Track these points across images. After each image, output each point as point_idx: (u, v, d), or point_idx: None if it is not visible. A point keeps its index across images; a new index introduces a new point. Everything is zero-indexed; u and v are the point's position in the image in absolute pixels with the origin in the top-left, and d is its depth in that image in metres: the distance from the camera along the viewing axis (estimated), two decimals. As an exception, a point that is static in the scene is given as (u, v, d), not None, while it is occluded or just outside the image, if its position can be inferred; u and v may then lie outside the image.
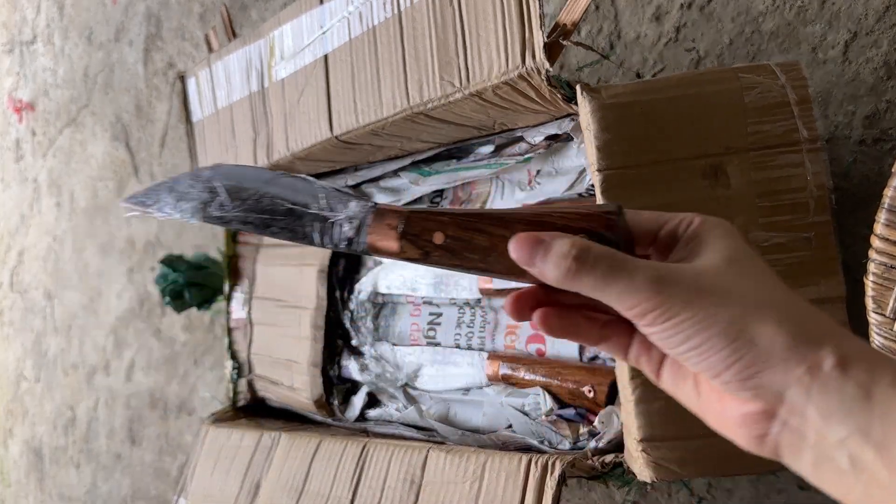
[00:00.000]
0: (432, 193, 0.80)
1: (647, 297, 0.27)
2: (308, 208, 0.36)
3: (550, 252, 0.29)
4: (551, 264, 0.29)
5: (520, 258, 0.30)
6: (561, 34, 0.52)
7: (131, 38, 1.79)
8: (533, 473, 0.54)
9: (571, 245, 0.29)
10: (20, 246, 2.26)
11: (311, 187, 0.36)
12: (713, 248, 0.29)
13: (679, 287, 0.27)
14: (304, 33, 0.77)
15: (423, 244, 0.33)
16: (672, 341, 0.27)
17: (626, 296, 0.28)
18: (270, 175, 0.37)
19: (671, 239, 0.31)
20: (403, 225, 0.33)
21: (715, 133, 0.51)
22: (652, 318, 0.27)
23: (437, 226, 0.33)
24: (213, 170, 0.38)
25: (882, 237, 0.45)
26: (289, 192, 0.36)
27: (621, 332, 0.32)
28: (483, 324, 0.74)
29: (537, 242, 0.29)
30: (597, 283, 0.28)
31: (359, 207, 0.35)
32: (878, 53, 0.65)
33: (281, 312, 0.95)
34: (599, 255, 0.28)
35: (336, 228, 0.35)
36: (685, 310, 0.27)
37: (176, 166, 1.62)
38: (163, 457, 1.58)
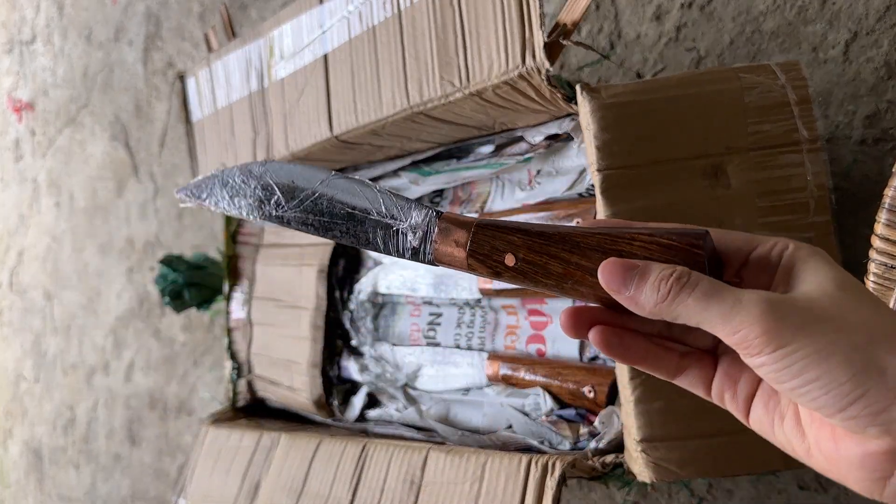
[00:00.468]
0: (432, 193, 0.80)
1: (757, 320, 0.25)
2: (369, 214, 0.35)
3: (647, 276, 0.27)
4: (648, 289, 0.27)
5: (610, 284, 0.28)
6: (561, 34, 0.52)
7: (131, 37, 1.79)
8: (533, 474, 0.54)
9: (671, 269, 0.27)
10: (19, 246, 2.26)
11: (370, 192, 0.35)
12: (817, 275, 0.27)
13: (792, 312, 0.25)
14: (304, 33, 0.77)
15: (492, 264, 0.32)
16: (784, 374, 0.25)
17: (731, 319, 0.25)
18: (324, 175, 0.36)
19: (763, 264, 0.29)
20: (470, 241, 0.32)
21: (715, 133, 0.51)
22: (761, 346, 0.25)
23: (508, 246, 0.32)
24: (264, 165, 0.37)
25: (882, 237, 0.45)
26: (347, 195, 0.35)
27: (703, 364, 0.30)
28: (483, 324, 0.74)
29: (631, 267, 0.28)
30: (699, 304, 0.26)
31: (422, 216, 0.34)
32: (879, 53, 0.65)
33: (280, 313, 0.95)
34: (700, 277, 0.27)
35: (400, 237, 0.35)
36: (800, 337, 0.24)
37: (175, 166, 1.62)
38: (162, 457, 1.58)
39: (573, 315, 0.30)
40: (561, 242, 0.31)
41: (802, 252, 0.28)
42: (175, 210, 1.61)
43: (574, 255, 0.30)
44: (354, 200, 0.35)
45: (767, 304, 0.25)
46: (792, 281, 0.27)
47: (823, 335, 0.24)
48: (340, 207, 0.35)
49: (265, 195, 0.36)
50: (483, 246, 0.32)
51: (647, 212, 0.51)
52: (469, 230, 0.33)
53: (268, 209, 0.36)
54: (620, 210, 0.50)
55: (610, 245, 0.30)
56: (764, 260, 0.29)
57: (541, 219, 0.64)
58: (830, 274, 0.26)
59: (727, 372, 0.29)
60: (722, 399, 0.29)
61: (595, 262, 0.30)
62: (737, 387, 0.29)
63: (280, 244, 0.98)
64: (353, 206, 0.35)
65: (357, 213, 0.35)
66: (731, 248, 0.29)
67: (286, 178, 0.36)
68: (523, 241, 0.31)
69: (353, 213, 0.35)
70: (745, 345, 0.25)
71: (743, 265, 0.29)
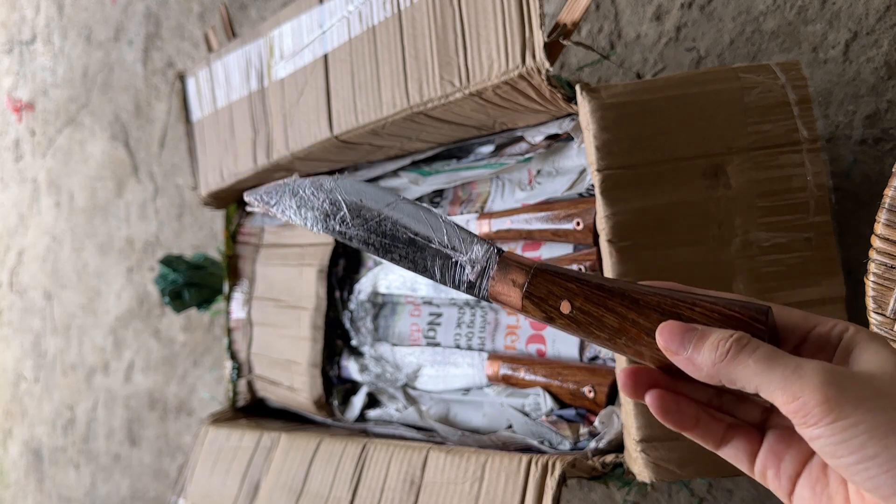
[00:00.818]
0: (432, 193, 0.80)
1: (817, 388, 0.24)
2: (430, 242, 0.36)
3: (706, 338, 0.27)
4: (707, 348, 0.27)
5: (669, 344, 0.28)
6: (561, 34, 0.52)
7: (130, 37, 1.79)
8: (533, 474, 0.54)
9: (731, 332, 0.27)
10: (19, 246, 2.26)
11: (435, 220, 0.36)
12: (877, 356, 0.26)
13: (853, 384, 0.24)
14: (304, 33, 0.77)
15: (547, 309, 0.32)
16: (841, 448, 0.24)
17: (791, 385, 0.25)
18: (392, 198, 0.37)
19: (821, 343, 0.29)
20: (528, 283, 0.33)
21: (715, 133, 0.51)
22: (819, 416, 0.24)
23: (565, 293, 0.32)
24: (336, 181, 0.38)
25: (882, 237, 0.45)
26: (411, 220, 0.36)
27: (749, 437, 0.29)
28: (483, 324, 0.74)
29: (690, 329, 0.28)
30: (759, 366, 0.26)
31: (482, 251, 0.35)
32: (879, 53, 0.65)
33: (280, 313, 0.95)
34: (760, 342, 0.26)
35: (458, 269, 0.35)
36: (861, 410, 0.23)
37: (175, 166, 1.62)
38: (162, 457, 1.58)
39: (632, 376, 0.30)
40: (620, 297, 0.30)
41: (862, 335, 0.28)
42: (175, 210, 1.61)
43: (631, 312, 0.30)
44: (418, 227, 0.36)
45: (829, 373, 0.24)
46: (851, 360, 0.27)
47: (885, 412, 0.23)
48: (403, 232, 0.36)
49: (332, 210, 0.37)
50: (540, 289, 0.32)
51: (648, 212, 0.51)
52: (528, 272, 0.33)
53: (332, 223, 0.37)
54: (620, 210, 0.50)
55: (670, 307, 0.29)
56: (823, 339, 0.28)
57: (541, 219, 0.64)
58: (891, 356, 0.26)
59: (773, 448, 0.29)
60: (765, 476, 0.29)
61: (653, 321, 0.29)
62: (781, 464, 0.28)
63: (280, 244, 0.98)
64: (416, 232, 0.36)
65: (419, 240, 0.36)
66: (789, 325, 0.29)
67: (356, 196, 0.37)
68: (581, 290, 0.31)
69: (414, 239, 0.36)
70: (804, 412, 0.24)
71: (801, 343, 0.29)
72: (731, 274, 0.50)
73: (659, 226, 0.51)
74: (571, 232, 0.61)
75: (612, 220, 0.50)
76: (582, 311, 0.31)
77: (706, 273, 0.50)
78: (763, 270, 0.51)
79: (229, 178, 0.92)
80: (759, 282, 0.51)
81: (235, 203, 1.04)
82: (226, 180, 0.92)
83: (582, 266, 0.60)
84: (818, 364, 0.25)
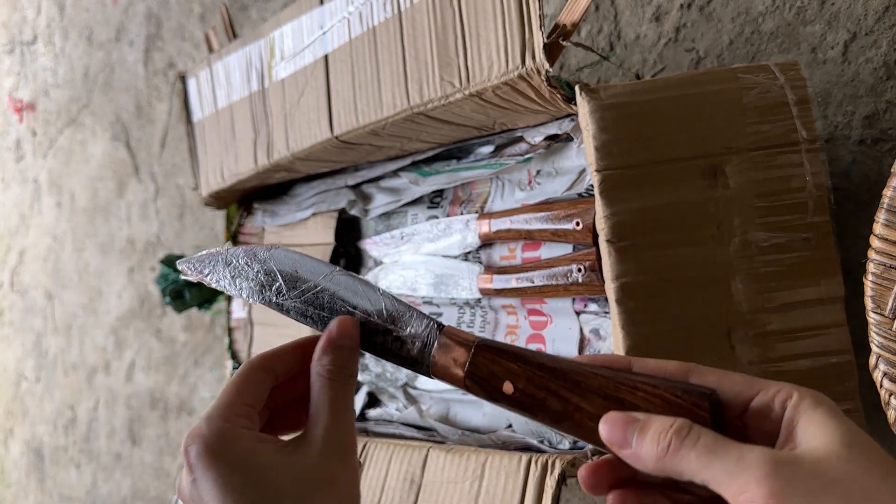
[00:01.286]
0: (432, 193, 0.80)
1: (762, 481, 0.24)
2: (369, 316, 0.35)
3: (648, 429, 0.27)
4: (649, 441, 0.26)
5: (612, 439, 0.28)
6: (561, 35, 0.52)
7: (131, 38, 1.79)
8: (533, 473, 0.55)
9: (671, 420, 0.27)
10: (20, 246, 2.26)
11: (373, 293, 0.35)
12: (824, 430, 0.26)
13: (799, 474, 0.24)
14: (304, 33, 0.77)
15: (490, 389, 0.32)
16: None
17: (735, 476, 0.24)
18: (328, 269, 0.36)
19: (765, 411, 0.28)
20: (469, 363, 0.32)
21: (714, 133, 0.51)
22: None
23: (506, 374, 0.31)
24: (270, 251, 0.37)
25: (881, 237, 0.45)
26: (349, 293, 0.36)
27: None
28: (483, 324, 0.74)
29: (631, 421, 0.27)
30: (701, 459, 0.25)
31: (422, 327, 0.34)
32: (878, 54, 0.65)
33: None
34: (702, 431, 0.26)
35: (398, 343, 0.34)
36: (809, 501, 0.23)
37: (176, 166, 1.62)
38: (163, 457, 1.58)
39: (593, 473, 0.30)
40: (561, 379, 0.30)
41: (806, 403, 0.27)
42: (176, 210, 1.62)
43: (574, 396, 0.30)
44: (356, 300, 0.35)
45: (773, 464, 0.24)
46: (798, 434, 0.26)
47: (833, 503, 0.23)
48: (341, 305, 0.35)
49: (267, 280, 0.37)
50: (481, 370, 0.32)
51: (647, 212, 0.51)
52: (469, 349, 0.32)
53: (268, 295, 0.37)
54: (619, 210, 0.50)
55: (612, 391, 0.29)
56: (766, 407, 0.28)
57: (540, 219, 0.64)
58: (837, 430, 0.25)
59: None
60: None
61: (596, 406, 0.29)
62: None
63: (281, 244, 0.98)
64: (353, 305, 0.35)
65: (357, 314, 0.35)
66: (731, 393, 0.29)
67: (290, 266, 0.36)
68: (523, 371, 0.31)
69: (352, 313, 0.35)
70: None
71: (744, 411, 0.29)
72: (730, 274, 0.51)
73: (658, 226, 0.51)
74: (571, 232, 0.61)
75: (612, 221, 0.50)
76: (525, 392, 0.31)
77: (705, 273, 0.51)
78: (762, 270, 0.51)
79: (230, 178, 0.92)
80: (758, 282, 0.51)
81: (236, 203, 1.04)
82: (226, 180, 0.93)
83: (582, 266, 0.61)
84: (761, 454, 0.24)
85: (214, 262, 0.38)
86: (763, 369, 0.50)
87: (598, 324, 0.63)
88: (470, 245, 0.72)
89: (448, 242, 0.75)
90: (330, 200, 0.89)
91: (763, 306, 0.51)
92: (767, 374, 0.50)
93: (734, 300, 0.50)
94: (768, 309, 0.51)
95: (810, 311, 0.51)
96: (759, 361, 0.50)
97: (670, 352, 0.50)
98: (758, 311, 0.50)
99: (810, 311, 0.51)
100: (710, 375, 0.30)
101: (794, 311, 0.51)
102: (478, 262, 0.73)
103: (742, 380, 0.29)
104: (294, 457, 0.32)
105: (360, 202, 0.86)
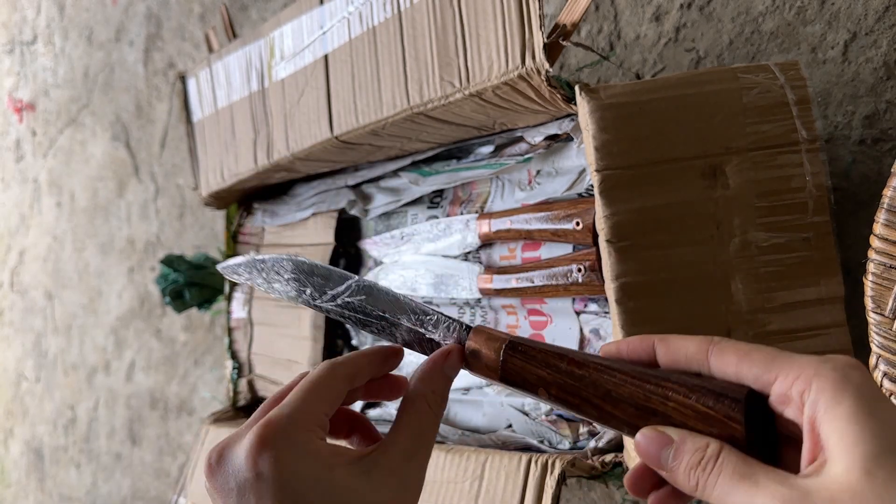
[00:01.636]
0: (432, 193, 0.80)
1: None
2: (399, 321, 0.37)
3: (680, 457, 0.27)
4: (681, 473, 0.26)
5: (648, 460, 0.28)
6: (561, 35, 0.52)
7: (131, 38, 1.79)
8: (533, 473, 0.55)
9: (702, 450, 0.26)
10: (20, 246, 2.26)
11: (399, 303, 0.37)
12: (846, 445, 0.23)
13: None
14: (304, 33, 0.77)
15: (527, 391, 0.32)
16: None
17: None
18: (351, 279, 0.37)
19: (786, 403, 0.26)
20: (501, 369, 0.32)
21: (714, 133, 0.51)
22: None
23: (538, 381, 0.31)
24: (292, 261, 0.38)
25: (881, 237, 0.45)
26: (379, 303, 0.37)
27: None
28: (483, 323, 0.74)
29: (666, 443, 0.27)
30: (723, 487, 0.25)
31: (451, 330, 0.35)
32: (878, 54, 0.65)
33: (281, 312, 0.95)
34: (726, 461, 0.26)
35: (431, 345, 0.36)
36: None
37: (176, 166, 1.62)
38: (163, 457, 1.58)
39: (635, 478, 0.30)
40: (591, 387, 0.30)
41: (825, 399, 0.24)
42: (176, 210, 1.62)
43: (607, 405, 0.30)
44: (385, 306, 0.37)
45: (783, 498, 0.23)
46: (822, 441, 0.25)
47: None
48: (371, 309, 0.37)
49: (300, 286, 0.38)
50: (513, 375, 0.32)
51: (647, 212, 0.51)
52: (498, 354, 0.33)
53: (305, 297, 0.38)
54: (619, 210, 0.50)
55: (643, 401, 0.29)
56: (786, 398, 0.26)
57: (540, 219, 0.64)
58: (862, 445, 0.23)
59: None
60: None
61: (629, 415, 0.29)
62: None
63: (281, 244, 0.98)
64: (383, 310, 0.37)
65: (388, 317, 0.37)
66: (750, 378, 0.27)
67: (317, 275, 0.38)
68: (553, 378, 0.31)
69: (384, 316, 0.37)
70: None
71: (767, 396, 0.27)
72: (730, 274, 0.51)
73: (658, 226, 0.51)
74: (571, 232, 0.61)
75: (611, 220, 0.50)
76: (559, 398, 0.31)
77: (704, 273, 0.51)
78: (762, 270, 0.51)
79: (230, 178, 0.92)
80: (758, 282, 0.51)
81: (236, 203, 1.04)
82: (226, 180, 0.93)
83: (581, 266, 0.61)
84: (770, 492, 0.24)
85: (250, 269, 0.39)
86: (763, 369, 0.50)
87: (598, 324, 0.63)
88: (470, 245, 0.72)
89: (448, 242, 0.75)
90: (330, 200, 0.89)
91: (763, 306, 0.50)
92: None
93: (734, 300, 0.50)
94: (768, 309, 0.51)
95: (810, 312, 0.51)
96: (759, 361, 0.50)
97: (670, 352, 0.50)
98: (758, 311, 0.50)
99: (810, 312, 0.51)
100: (729, 355, 0.28)
101: (793, 312, 0.51)
102: (478, 262, 0.73)
103: (762, 359, 0.27)
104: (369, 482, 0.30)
105: (360, 202, 0.86)
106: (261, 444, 0.29)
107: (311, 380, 0.32)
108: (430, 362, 0.35)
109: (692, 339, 0.30)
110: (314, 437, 0.30)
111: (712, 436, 0.27)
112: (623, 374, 0.30)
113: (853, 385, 0.24)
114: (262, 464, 0.28)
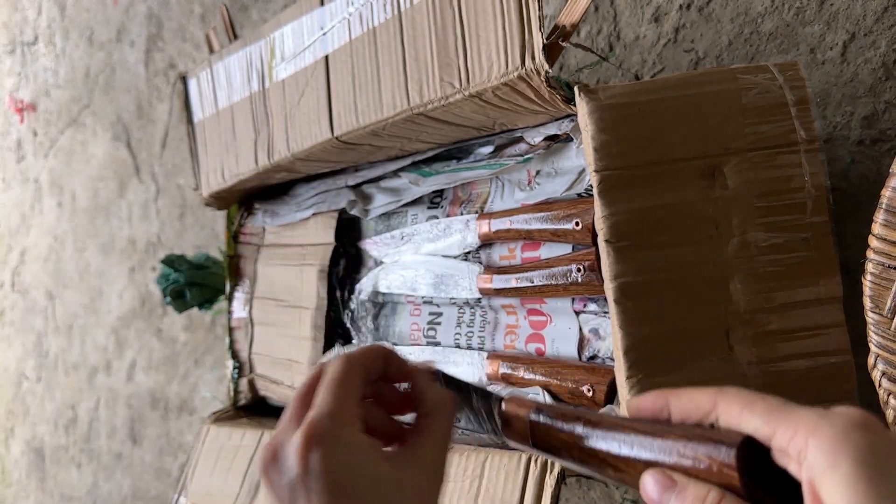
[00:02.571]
0: (432, 193, 0.80)
1: None
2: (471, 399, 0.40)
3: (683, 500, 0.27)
4: None
5: (653, 501, 0.29)
6: (560, 35, 0.53)
7: (132, 38, 1.80)
8: (532, 471, 0.55)
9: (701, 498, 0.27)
10: (21, 246, 2.27)
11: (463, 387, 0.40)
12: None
13: None
14: (305, 34, 0.77)
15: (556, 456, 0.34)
16: None
17: None
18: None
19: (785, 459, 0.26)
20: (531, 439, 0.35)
21: (713, 134, 0.51)
22: None
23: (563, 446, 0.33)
24: None
25: (880, 237, 0.46)
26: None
27: None
28: (483, 323, 0.74)
29: (670, 486, 0.28)
30: None
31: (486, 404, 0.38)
32: (877, 54, 0.65)
33: (282, 312, 0.95)
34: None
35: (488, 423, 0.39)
36: None
37: (177, 166, 1.62)
38: (163, 456, 1.59)
39: None
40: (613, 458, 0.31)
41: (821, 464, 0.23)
42: (176, 210, 1.62)
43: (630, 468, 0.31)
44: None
45: None
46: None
47: None
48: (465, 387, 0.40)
49: None
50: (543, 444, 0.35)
51: (646, 212, 0.51)
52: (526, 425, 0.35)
53: None
54: (618, 210, 0.51)
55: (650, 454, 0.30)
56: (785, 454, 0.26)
57: (540, 219, 0.64)
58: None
59: None
60: None
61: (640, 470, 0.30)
62: None
63: (281, 244, 0.98)
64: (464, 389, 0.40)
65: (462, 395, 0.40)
66: (751, 429, 0.27)
67: None
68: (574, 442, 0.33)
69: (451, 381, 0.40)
70: None
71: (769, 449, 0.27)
72: (729, 274, 0.51)
73: (657, 226, 0.51)
74: (570, 232, 0.61)
75: (611, 221, 0.51)
76: (583, 461, 0.33)
77: (703, 273, 0.51)
78: (761, 271, 0.51)
79: (230, 178, 0.92)
80: (757, 282, 0.51)
81: (237, 203, 1.05)
82: (227, 181, 0.93)
83: (581, 266, 0.61)
84: None
85: None
86: (762, 369, 0.50)
87: (598, 323, 0.63)
88: (470, 245, 0.73)
89: (448, 242, 0.75)
90: (330, 200, 0.90)
91: (762, 306, 0.51)
92: (767, 374, 0.50)
93: (733, 300, 0.50)
94: (767, 309, 0.51)
95: (809, 311, 0.51)
96: (758, 362, 0.50)
97: (669, 352, 0.50)
98: (757, 312, 0.51)
99: (809, 311, 0.51)
100: (733, 405, 0.28)
101: (792, 311, 0.51)
102: (478, 261, 0.74)
103: (763, 411, 0.26)
104: (406, 472, 0.33)
105: (361, 202, 0.86)
106: (308, 443, 0.31)
107: (336, 377, 0.34)
108: None
109: (701, 392, 0.30)
110: (355, 430, 0.32)
111: (713, 484, 0.27)
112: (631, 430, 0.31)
113: (853, 446, 0.23)
114: (313, 461, 0.30)
